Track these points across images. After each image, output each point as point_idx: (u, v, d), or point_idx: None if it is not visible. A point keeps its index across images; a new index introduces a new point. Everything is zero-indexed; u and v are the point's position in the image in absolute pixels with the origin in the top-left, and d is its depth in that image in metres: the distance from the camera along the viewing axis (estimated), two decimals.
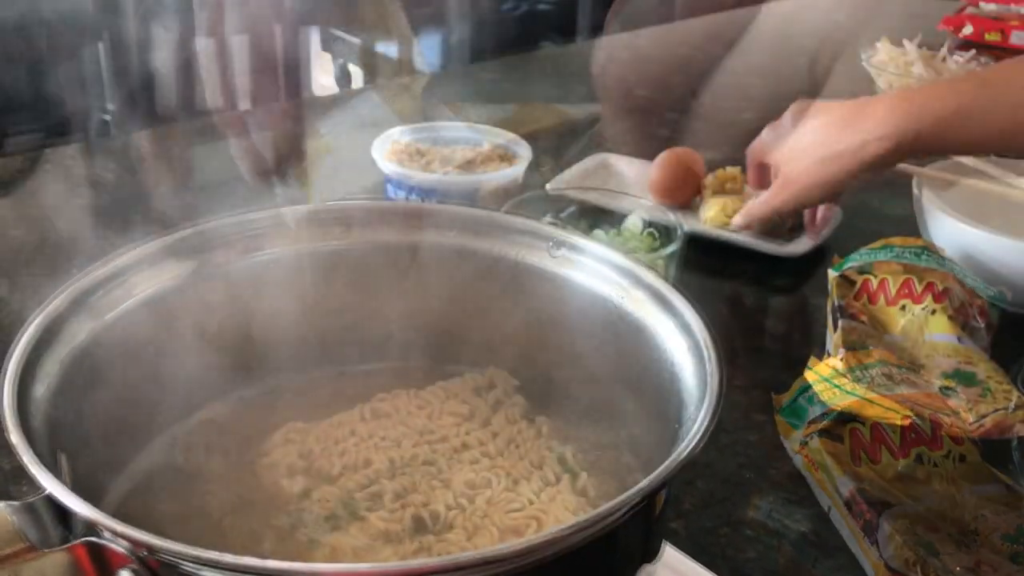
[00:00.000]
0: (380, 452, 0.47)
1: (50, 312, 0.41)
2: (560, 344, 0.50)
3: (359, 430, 0.49)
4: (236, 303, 0.49)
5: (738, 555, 0.54)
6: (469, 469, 0.46)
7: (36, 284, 0.78)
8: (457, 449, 0.47)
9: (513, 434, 0.48)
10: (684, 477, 0.60)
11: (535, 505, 0.44)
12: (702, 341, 0.41)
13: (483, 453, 0.47)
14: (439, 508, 0.44)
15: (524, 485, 0.45)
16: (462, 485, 0.45)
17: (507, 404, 0.50)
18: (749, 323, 0.78)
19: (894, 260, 0.75)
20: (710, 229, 0.90)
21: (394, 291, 0.52)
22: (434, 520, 0.44)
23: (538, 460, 0.46)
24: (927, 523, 0.57)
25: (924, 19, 1.72)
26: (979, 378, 0.66)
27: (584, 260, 0.49)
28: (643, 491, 0.32)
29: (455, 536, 0.42)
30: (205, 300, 0.48)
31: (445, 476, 0.46)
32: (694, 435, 0.35)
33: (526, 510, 0.43)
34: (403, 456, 0.47)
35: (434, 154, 0.87)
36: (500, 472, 0.46)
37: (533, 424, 0.49)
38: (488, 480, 0.45)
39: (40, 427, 0.37)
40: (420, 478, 0.46)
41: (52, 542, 0.33)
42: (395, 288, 0.52)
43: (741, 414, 0.67)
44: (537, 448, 0.47)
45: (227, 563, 0.29)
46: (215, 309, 0.49)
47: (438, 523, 0.43)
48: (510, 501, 0.44)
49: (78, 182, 0.99)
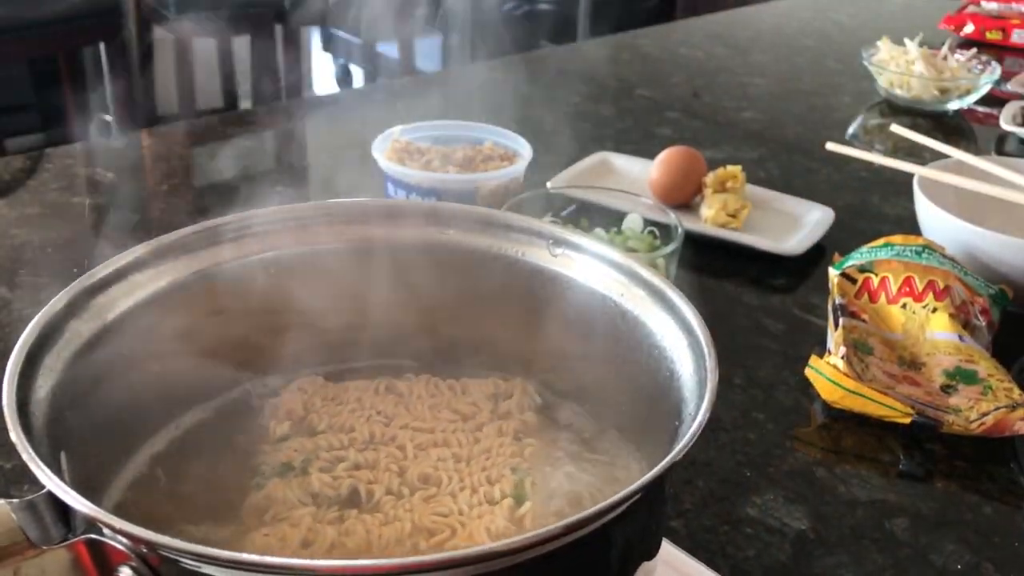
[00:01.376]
0: (367, 424, 0.49)
1: (52, 311, 0.41)
2: (560, 341, 0.50)
3: (365, 400, 0.50)
4: (238, 302, 0.50)
5: (738, 553, 0.55)
6: (429, 464, 0.46)
7: (37, 284, 0.79)
8: (436, 444, 0.48)
9: (493, 446, 0.48)
10: (684, 476, 0.60)
11: (462, 516, 0.43)
12: (701, 337, 0.41)
13: (453, 455, 0.47)
14: (378, 490, 0.44)
15: (466, 494, 0.45)
16: (414, 477, 0.45)
17: (514, 418, 0.50)
18: (749, 322, 0.79)
19: (895, 258, 0.75)
20: (710, 228, 0.90)
21: (393, 290, 0.52)
22: (368, 498, 0.44)
23: (496, 477, 0.46)
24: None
25: (925, 17, 1.72)
26: (980, 376, 0.67)
27: (584, 258, 0.49)
28: (639, 488, 0.32)
29: (371, 519, 0.43)
30: (207, 299, 0.48)
31: (405, 464, 0.46)
32: (690, 434, 0.35)
33: (450, 518, 0.43)
34: (384, 434, 0.48)
35: (434, 153, 0.87)
36: (455, 476, 0.46)
37: (519, 443, 0.48)
38: (440, 479, 0.45)
39: (41, 426, 0.37)
40: (383, 458, 0.46)
41: (53, 539, 0.33)
42: (394, 287, 0.52)
43: (740, 413, 0.67)
44: (503, 466, 0.47)
45: (226, 559, 0.29)
46: (217, 308, 0.49)
47: (370, 502, 0.44)
48: (441, 505, 0.44)
49: (79, 182, 0.99)
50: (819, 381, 0.66)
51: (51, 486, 0.32)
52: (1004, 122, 1.19)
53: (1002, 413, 0.62)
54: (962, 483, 0.61)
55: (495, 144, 0.90)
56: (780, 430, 0.65)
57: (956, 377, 0.67)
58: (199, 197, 0.98)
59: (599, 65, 1.48)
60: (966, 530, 0.57)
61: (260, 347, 0.51)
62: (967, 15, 1.66)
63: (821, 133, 1.22)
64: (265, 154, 1.12)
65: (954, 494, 0.60)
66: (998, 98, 1.32)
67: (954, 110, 1.30)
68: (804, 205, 0.95)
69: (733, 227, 0.90)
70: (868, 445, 0.64)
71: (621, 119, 1.24)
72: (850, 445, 0.64)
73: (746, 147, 1.16)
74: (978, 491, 0.61)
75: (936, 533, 0.57)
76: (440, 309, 0.52)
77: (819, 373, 0.66)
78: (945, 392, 0.66)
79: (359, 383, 0.52)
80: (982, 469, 0.62)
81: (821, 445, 0.64)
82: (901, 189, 1.02)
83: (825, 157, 1.00)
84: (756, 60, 1.54)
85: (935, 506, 0.59)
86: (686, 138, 1.17)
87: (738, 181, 0.94)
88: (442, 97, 1.24)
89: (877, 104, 1.34)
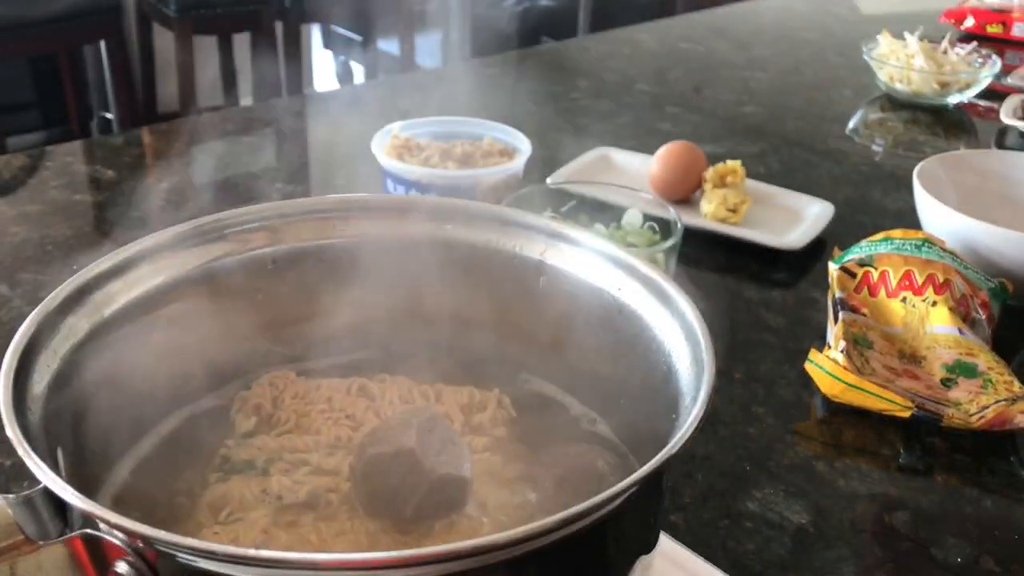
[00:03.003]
0: (334, 427, 0.47)
1: (48, 307, 0.41)
2: (557, 336, 0.50)
3: (335, 400, 0.49)
4: (236, 299, 0.49)
5: (737, 547, 0.55)
6: None
7: (38, 282, 0.79)
8: None
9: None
10: (683, 470, 0.60)
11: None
12: (698, 331, 0.41)
13: None
14: (335, 498, 0.43)
15: None
16: None
17: (486, 434, 0.48)
18: (748, 317, 0.78)
19: (895, 252, 0.75)
20: (710, 223, 0.90)
21: (393, 287, 0.52)
22: (325, 505, 0.43)
23: None
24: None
25: (925, 11, 1.72)
26: (980, 370, 0.67)
27: (582, 253, 0.49)
28: (636, 481, 0.32)
29: (326, 528, 0.42)
30: (204, 296, 0.48)
31: None
32: (688, 427, 0.35)
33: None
34: (352, 438, 0.47)
35: (433, 149, 0.87)
36: None
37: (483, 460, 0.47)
38: None
39: (38, 422, 0.37)
40: (346, 466, 0.45)
41: (49, 535, 0.33)
42: (393, 281, 0.52)
43: (740, 407, 0.67)
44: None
45: (222, 553, 0.29)
46: (214, 305, 0.49)
47: (327, 509, 0.43)
48: None
49: (79, 180, 0.99)
50: (819, 375, 0.66)
51: (47, 482, 0.32)
52: (1004, 116, 1.18)
53: (1002, 407, 0.62)
54: (962, 477, 0.61)
55: (494, 140, 0.90)
56: (780, 424, 0.65)
57: (956, 371, 0.67)
58: (200, 194, 0.98)
59: (599, 60, 1.48)
60: (966, 523, 0.57)
61: (260, 343, 0.51)
62: (967, 9, 1.65)
63: (821, 127, 1.22)
64: (265, 151, 1.12)
65: (954, 488, 0.60)
66: (998, 92, 1.31)
67: (954, 104, 1.30)
68: (804, 199, 0.95)
69: (733, 222, 0.90)
70: (868, 439, 0.64)
71: (621, 114, 1.24)
72: (850, 439, 0.64)
73: (746, 142, 1.16)
74: (978, 484, 0.61)
75: (936, 526, 0.57)
76: (436, 303, 0.52)
77: (819, 367, 0.66)
78: (945, 386, 0.66)
79: (332, 382, 0.50)
80: (982, 463, 0.62)
81: (821, 439, 0.64)
82: (901, 183, 1.01)
83: (825, 151, 1.00)
84: (757, 55, 1.54)
85: (935, 500, 0.59)
86: (686, 133, 1.16)
87: (738, 176, 0.94)
88: (442, 93, 1.24)
89: (877, 98, 1.34)
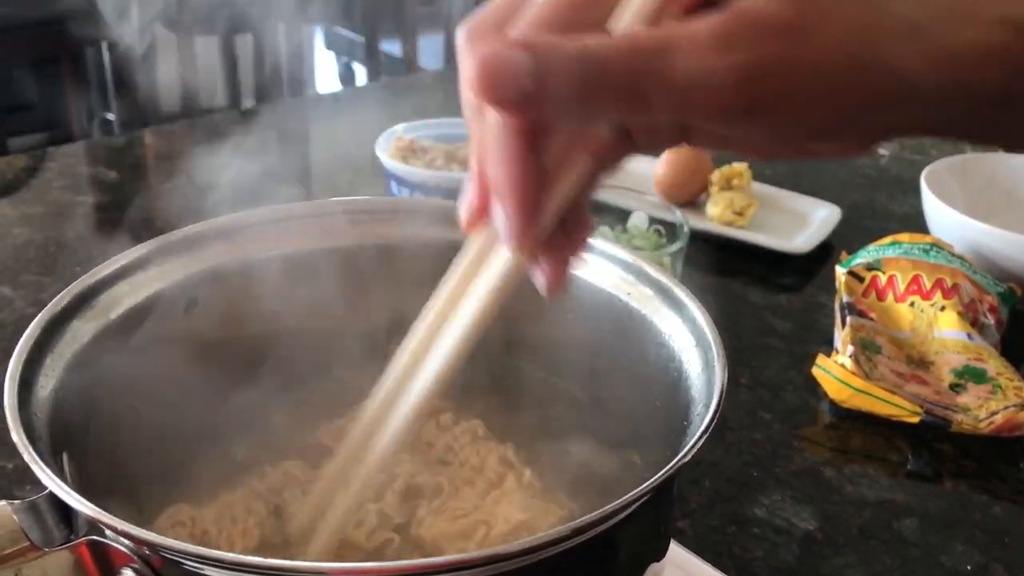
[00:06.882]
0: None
1: (53, 311, 0.40)
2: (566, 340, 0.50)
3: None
4: (240, 302, 0.49)
5: (745, 553, 0.54)
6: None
7: (40, 283, 0.78)
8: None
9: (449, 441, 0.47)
10: (690, 476, 0.60)
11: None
12: (709, 336, 0.41)
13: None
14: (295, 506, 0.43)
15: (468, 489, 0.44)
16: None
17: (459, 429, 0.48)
18: (755, 321, 0.78)
19: (903, 256, 0.75)
20: (716, 226, 0.90)
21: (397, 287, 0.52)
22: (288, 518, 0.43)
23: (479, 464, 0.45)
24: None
25: None
26: (989, 375, 0.66)
27: (590, 257, 0.49)
28: (647, 489, 0.32)
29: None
30: (209, 299, 0.48)
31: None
32: (700, 435, 0.34)
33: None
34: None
35: (438, 151, 0.87)
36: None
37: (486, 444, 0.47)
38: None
39: (43, 426, 0.36)
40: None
41: (55, 541, 0.33)
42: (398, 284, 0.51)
43: (747, 412, 0.66)
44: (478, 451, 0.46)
45: (229, 561, 0.29)
46: (219, 308, 0.48)
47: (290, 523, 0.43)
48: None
49: (81, 181, 0.99)
50: (826, 380, 0.66)
51: (53, 487, 0.32)
52: None
53: (1011, 412, 0.62)
54: (971, 483, 0.61)
55: None
56: (787, 430, 0.65)
57: (965, 376, 0.66)
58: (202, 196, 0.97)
59: None
60: (975, 530, 0.57)
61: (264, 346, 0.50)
62: None
63: None
64: (268, 153, 1.12)
65: (963, 494, 0.60)
66: None
67: None
68: (811, 203, 0.95)
69: (739, 225, 0.90)
70: (876, 445, 0.64)
71: None
72: (858, 445, 0.64)
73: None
74: (987, 491, 0.60)
75: (945, 533, 0.56)
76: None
77: (826, 372, 0.66)
78: (954, 391, 0.66)
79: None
80: (991, 469, 0.62)
81: (828, 445, 0.64)
82: (908, 187, 1.01)
83: None
84: None
85: (944, 506, 0.59)
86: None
87: (744, 179, 0.93)
88: (446, 95, 1.24)
89: None
